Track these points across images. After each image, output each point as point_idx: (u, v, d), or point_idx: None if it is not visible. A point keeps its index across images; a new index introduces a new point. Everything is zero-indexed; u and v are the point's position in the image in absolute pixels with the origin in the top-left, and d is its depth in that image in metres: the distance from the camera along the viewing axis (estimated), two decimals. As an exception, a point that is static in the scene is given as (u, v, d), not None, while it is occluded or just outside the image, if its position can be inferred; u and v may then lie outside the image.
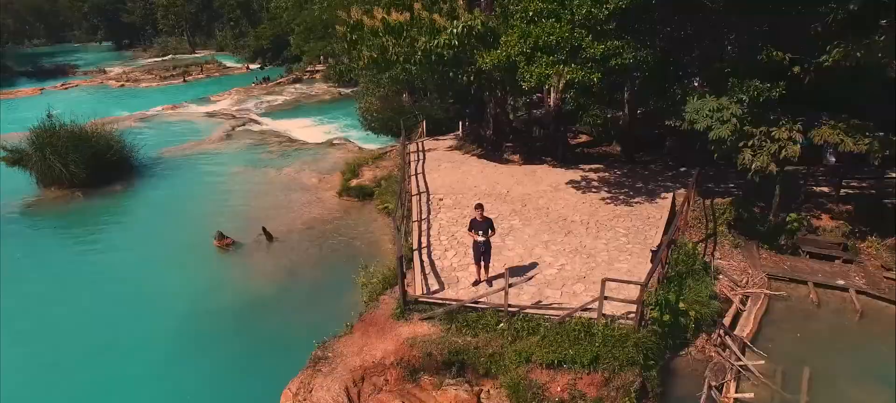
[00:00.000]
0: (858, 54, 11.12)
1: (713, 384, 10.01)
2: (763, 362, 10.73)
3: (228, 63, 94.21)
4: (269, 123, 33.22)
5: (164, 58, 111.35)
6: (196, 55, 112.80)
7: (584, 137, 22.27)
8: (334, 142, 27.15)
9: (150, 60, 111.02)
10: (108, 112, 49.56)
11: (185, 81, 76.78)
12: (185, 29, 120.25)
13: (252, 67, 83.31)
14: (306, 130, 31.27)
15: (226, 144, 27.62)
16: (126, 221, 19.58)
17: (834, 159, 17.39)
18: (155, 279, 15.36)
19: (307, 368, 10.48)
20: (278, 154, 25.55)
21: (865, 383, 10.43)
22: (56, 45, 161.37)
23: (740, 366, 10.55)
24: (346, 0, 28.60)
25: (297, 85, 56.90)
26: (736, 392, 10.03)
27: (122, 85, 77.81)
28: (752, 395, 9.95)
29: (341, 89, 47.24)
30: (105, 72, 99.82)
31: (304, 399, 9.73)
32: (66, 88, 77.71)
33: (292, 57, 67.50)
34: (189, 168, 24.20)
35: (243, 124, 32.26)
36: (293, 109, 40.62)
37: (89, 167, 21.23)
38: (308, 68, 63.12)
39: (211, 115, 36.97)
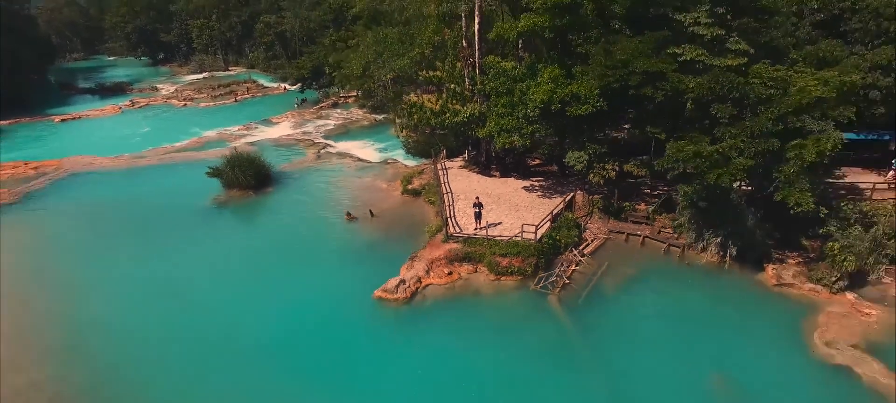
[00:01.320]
0: (635, 134, 27.37)
1: (564, 264, 26.20)
2: (588, 258, 27.00)
3: (265, 83, 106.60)
4: (337, 146, 49.30)
5: (202, 74, 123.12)
6: (231, 73, 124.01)
7: (538, 160, 38.45)
8: (388, 161, 43.52)
9: (190, 77, 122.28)
10: (192, 132, 63.72)
11: (236, 100, 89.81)
12: (219, 48, 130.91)
13: (287, 87, 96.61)
14: (364, 150, 47.54)
15: (320, 162, 43.86)
16: (284, 208, 35.63)
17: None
18: (314, 232, 31.49)
19: (408, 260, 26.66)
20: (355, 169, 41.86)
21: (628, 269, 26.56)
22: (90, 58, 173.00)
23: (578, 260, 26.79)
24: (386, 65, 45.03)
25: (337, 109, 72.34)
26: (574, 267, 26.26)
27: (185, 104, 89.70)
28: (581, 268, 26.23)
29: (375, 116, 63.45)
30: (156, 89, 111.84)
31: (410, 270, 25.91)
32: (140, 107, 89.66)
33: (327, 82, 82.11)
34: (306, 177, 40.43)
35: (324, 148, 48.34)
36: (345, 133, 56.49)
37: (256, 177, 37.46)
38: (342, 94, 78.70)
39: (297, 140, 52.61)
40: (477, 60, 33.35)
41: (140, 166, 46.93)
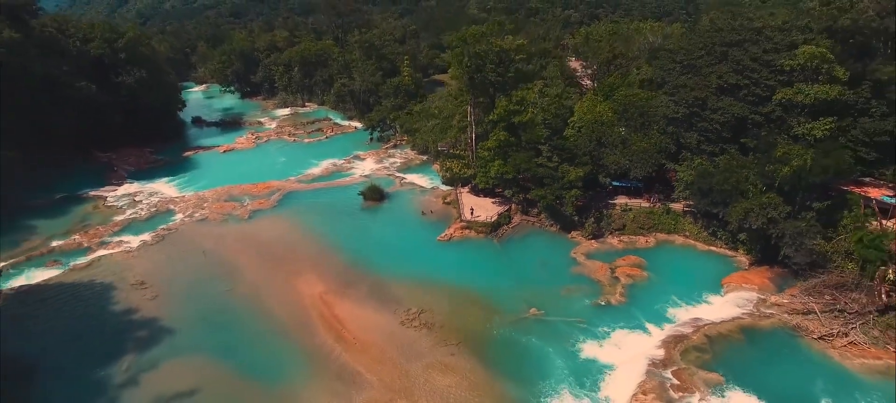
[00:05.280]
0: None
1: (501, 230, 75.07)
2: (511, 228, 76.02)
3: (338, 120, 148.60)
4: (406, 177, 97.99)
5: (287, 110, 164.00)
6: (308, 109, 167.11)
7: (500, 190, 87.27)
8: (434, 188, 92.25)
9: (278, 111, 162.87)
10: (312, 162, 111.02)
11: (326, 137, 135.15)
12: (297, 89, 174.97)
13: (357, 126, 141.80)
14: (421, 180, 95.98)
15: (402, 188, 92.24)
16: (394, 209, 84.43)
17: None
18: (410, 218, 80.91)
19: (446, 228, 76.01)
20: (419, 191, 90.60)
21: (525, 231, 75.51)
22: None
23: (506, 229, 75.75)
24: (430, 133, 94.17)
25: (396, 149, 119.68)
26: (504, 231, 75.14)
27: (293, 139, 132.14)
28: (508, 232, 75.25)
29: (422, 157, 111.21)
30: (260, 123, 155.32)
31: (448, 230, 75.14)
32: (263, 141, 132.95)
33: (388, 127, 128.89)
34: (399, 196, 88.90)
35: (402, 179, 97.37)
36: (407, 168, 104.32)
37: (379, 195, 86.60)
38: (398, 138, 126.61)
39: (385, 174, 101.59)
40: (474, 149, 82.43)
41: (310, 188, 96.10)
